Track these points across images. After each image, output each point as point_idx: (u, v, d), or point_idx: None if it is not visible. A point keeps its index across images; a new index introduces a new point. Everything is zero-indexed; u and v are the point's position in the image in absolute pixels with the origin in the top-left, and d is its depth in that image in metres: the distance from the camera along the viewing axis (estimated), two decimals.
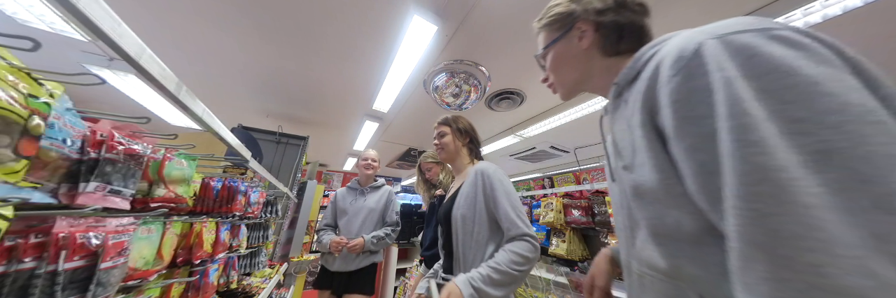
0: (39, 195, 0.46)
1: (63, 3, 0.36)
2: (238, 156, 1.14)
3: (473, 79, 2.07)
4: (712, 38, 0.31)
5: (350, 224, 1.92)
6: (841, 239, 0.22)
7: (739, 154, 0.26)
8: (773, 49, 0.28)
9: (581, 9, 0.56)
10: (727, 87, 0.28)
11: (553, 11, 0.59)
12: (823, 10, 1.37)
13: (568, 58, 0.59)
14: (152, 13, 1.59)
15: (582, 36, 0.56)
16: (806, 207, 0.23)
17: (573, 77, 0.60)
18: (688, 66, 0.32)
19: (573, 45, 0.57)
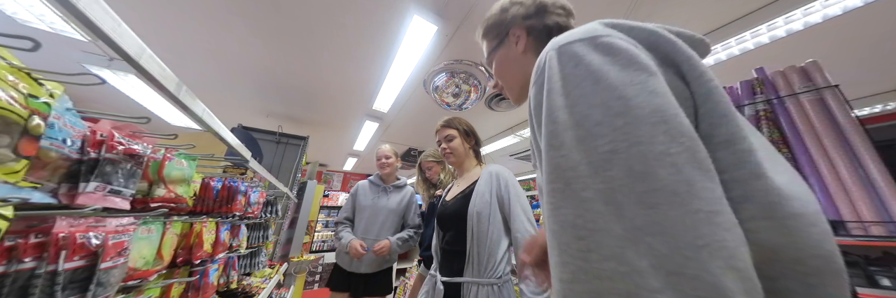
0: (39, 195, 0.46)
1: (63, 3, 0.36)
2: (238, 156, 1.14)
3: (473, 79, 2.07)
4: (553, 49, 0.35)
5: (370, 224, 1.84)
6: (608, 229, 0.25)
7: (546, 157, 0.31)
8: (592, 58, 0.31)
9: (509, 16, 0.59)
10: (549, 99, 0.32)
11: (488, 22, 0.63)
12: (823, 10, 1.37)
13: (509, 62, 0.61)
14: (153, 13, 1.59)
15: (517, 40, 0.58)
16: (584, 201, 0.27)
17: (517, 79, 0.61)
18: (537, 79, 0.36)
19: (512, 49, 0.59)
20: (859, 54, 1.84)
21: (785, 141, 1.00)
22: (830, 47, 1.76)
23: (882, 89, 2.31)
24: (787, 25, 1.49)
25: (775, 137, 1.01)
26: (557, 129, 0.31)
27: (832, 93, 0.93)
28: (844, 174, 0.87)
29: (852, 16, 1.41)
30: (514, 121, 3.21)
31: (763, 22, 1.48)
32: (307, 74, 2.23)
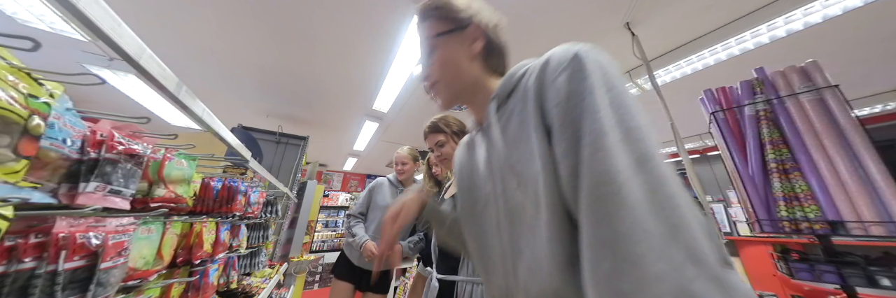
0: (39, 195, 0.46)
1: (63, 3, 0.36)
2: (238, 156, 1.14)
3: None
4: (588, 50, 0.38)
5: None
6: (654, 231, 0.27)
7: (595, 157, 0.31)
8: (611, 68, 0.36)
9: (476, 12, 0.55)
10: (593, 94, 0.34)
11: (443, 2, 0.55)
12: (823, 10, 1.37)
13: (457, 59, 0.54)
14: (153, 13, 1.59)
15: (474, 41, 0.54)
16: (633, 206, 0.28)
17: (463, 81, 0.55)
18: (571, 68, 0.37)
19: (466, 46, 0.54)
20: (859, 54, 1.84)
21: (785, 141, 1.00)
22: (830, 47, 1.76)
23: (882, 89, 2.31)
24: (787, 25, 1.49)
25: (775, 137, 1.01)
26: (604, 129, 0.32)
27: (832, 93, 0.93)
28: (844, 174, 0.87)
29: (852, 16, 1.41)
30: None
31: (763, 22, 1.48)
32: (307, 74, 2.23)
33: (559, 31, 1.69)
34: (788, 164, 0.97)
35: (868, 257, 1.00)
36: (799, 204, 0.93)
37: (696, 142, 3.51)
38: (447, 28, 0.54)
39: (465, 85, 0.55)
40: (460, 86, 0.55)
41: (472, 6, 0.55)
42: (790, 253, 1.16)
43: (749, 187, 1.03)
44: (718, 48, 1.70)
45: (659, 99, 1.51)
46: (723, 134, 1.11)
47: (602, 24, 1.63)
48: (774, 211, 0.96)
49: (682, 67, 1.92)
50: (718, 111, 1.14)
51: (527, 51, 1.89)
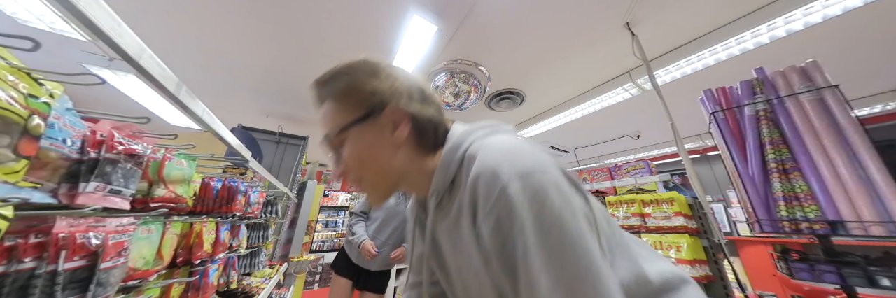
0: (39, 195, 0.46)
1: (63, 3, 0.36)
2: (238, 156, 1.14)
3: (473, 79, 2.07)
4: (515, 178, 0.34)
5: (383, 226, 1.87)
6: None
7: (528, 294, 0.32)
8: (554, 200, 0.34)
9: (389, 87, 0.45)
10: (524, 236, 0.33)
11: (350, 80, 0.46)
12: (823, 10, 1.37)
13: (382, 150, 0.45)
14: (152, 13, 1.59)
15: (397, 126, 0.45)
16: None
17: (393, 175, 0.47)
18: (497, 208, 0.35)
19: (384, 135, 0.45)
20: (859, 54, 1.84)
21: (785, 141, 1.00)
22: (830, 47, 1.76)
23: (882, 89, 2.31)
24: (787, 25, 1.49)
25: (775, 137, 1.01)
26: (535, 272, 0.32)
27: (832, 93, 0.93)
28: (844, 174, 0.87)
29: (852, 16, 1.41)
30: (514, 121, 3.21)
31: (763, 22, 1.48)
32: (307, 74, 2.23)
33: (559, 31, 1.69)
34: (788, 164, 0.97)
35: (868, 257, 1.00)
36: (799, 204, 0.93)
37: (696, 142, 3.52)
38: (355, 116, 0.45)
39: (397, 178, 0.47)
40: (391, 182, 0.47)
41: (383, 85, 0.45)
42: (790, 253, 1.16)
43: (749, 187, 1.03)
44: (718, 48, 1.70)
45: (659, 99, 1.51)
46: (723, 134, 1.11)
47: (602, 23, 1.63)
48: (774, 211, 0.96)
49: (682, 67, 1.92)
50: (718, 111, 1.14)
51: (527, 51, 1.89)
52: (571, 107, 2.62)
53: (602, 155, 4.49)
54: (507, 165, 0.35)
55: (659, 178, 1.73)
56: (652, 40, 1.73)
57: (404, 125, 0.45)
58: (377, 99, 0.45)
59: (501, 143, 0.40)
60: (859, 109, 2.50)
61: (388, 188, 0.48)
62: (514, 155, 0.37)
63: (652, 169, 2.29)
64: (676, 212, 1.57)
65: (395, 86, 0.46)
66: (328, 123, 0.47)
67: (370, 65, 0.47)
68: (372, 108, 0.45)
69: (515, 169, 0.35)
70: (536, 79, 2.25)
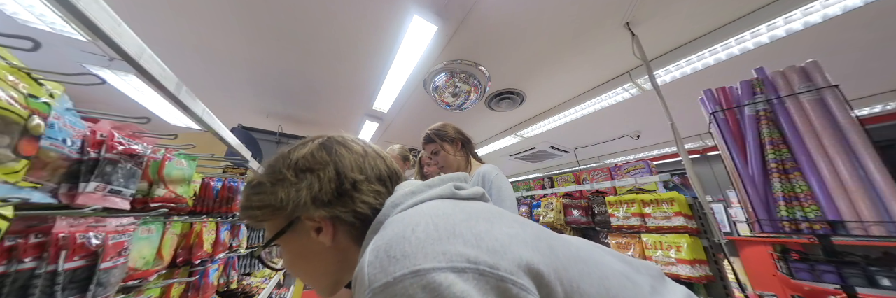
0: (39, 195, 0.46)
1: (63, 3, 0.36)
2: (238, 156, 1.14)
3: (473, 79, 2.07)
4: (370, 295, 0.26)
5: None
6: None
7: None
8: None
9: (292, 196, 0.41)
10: None
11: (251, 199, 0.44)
12: (823, 10, 1.37)
13: (309, 254, 0.43)
14: (152, 13, 1.59)
15: (319, 229, 0.42)
16: None
17: (335, 274, 0.43)
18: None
19: (312, 240, 0.42)
20: (859, 54, 1.84)
21: (785, 141, 1.00)
22: (831, 47, 1.76)
23: (882, 89, 2.31)
24: (787, 25, 1.49)
25: (775, 137, 1.01)
26: None
27: (832, 93, 0.93)
28: (844, 174, 0.87)
29: (852, 16, 1.41)
30: (514, 121, 3.21)
31: (763, 22, 1.48)
32: (307, 74, 2.23)
33: (559, 31, 1.69)
34: (788, 164, 0.97)
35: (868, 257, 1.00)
36: (799, 204, 0.93)
37: (696, 141, 3.52)
38: (278, 226, 0.43)
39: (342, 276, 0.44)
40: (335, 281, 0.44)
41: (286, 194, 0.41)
42: (790, 253, 1.16)
43: (749, 187, 1.03)
44: (718, 48, 1.70)
45: (659, 99, 1.51)
46: (723, 134, 1.11)
47: (602, 23, 1.63)
48: (774, 211, 0.96)
49: (682, 67, 1.92)
50: (718, 111, 1.14)
51: (527, 51, 1.89)
52: (571, 107, 2.62)
53: (602, 155, 4.49)
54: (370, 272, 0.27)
55: (659, 178, 1.73)
56: (652, 40, 1.73)
57: (326, 230, 0.41)
58: (282, 212, 0.41)
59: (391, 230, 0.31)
60: (859, 109, 2.50)
61: (334, 287, 0.44)
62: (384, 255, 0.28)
63: (652, 169, 2.29)
64: (676, 212, 1.56)
65: (298, 189, 0.41)
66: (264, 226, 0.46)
67: (276, 163, 0.44)
68: (288, 218, 0.42)
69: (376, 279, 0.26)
70: (536, 79, 2.25)
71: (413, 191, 0.41)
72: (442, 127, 1.37)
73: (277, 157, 0.46)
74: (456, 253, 0.27)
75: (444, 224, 0.31)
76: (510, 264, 0.28)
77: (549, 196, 2.84)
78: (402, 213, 0.36)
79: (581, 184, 2.59)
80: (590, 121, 2.92)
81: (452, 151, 1.32)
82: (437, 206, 0.36)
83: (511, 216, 0.38)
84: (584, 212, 2.44)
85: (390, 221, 0.34)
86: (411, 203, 0.39)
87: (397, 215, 0.36)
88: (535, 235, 0.35)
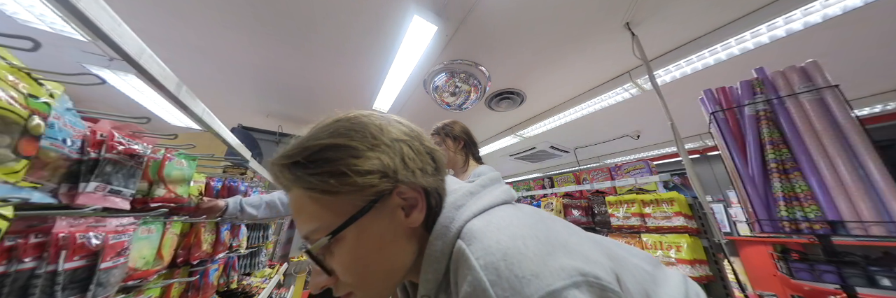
0: (39, 195, 0.46)
1: (63, 3, 0.36)
2: (238, 156, 1.14)
3: (473, 79, 2.07)
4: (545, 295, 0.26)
5: None
6: None
7: None
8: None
9: (390, 163, 0.34)
10: None
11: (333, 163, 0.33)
12: (823, 10, 1.37)
13: (389, 243, 0.35)
14: (152, 13, 1.59)
15: (411, 209, 0.36)
16: None
17: (401, 270, 0.37)
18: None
19: (395, 222, 0.35)
20: (859, 54, 1.84)
21: (785, 141, 1.00)
22: (831, 47, 1.76)
23: (882, 89, 2.31)
24: (787, 25, 1.49)
25: (775, 137, 1.01)
26: None
27: (832, 93, 0.93)
28: (844, 174, 0.87)
29: (852, 16, 1.41)
30: (514, 121, 3.21)
31: (763, 22, 1.48)
32: (307, 74, 2.23)
33: (559, 31, 1.69)
34: (788, 164, 0.97)
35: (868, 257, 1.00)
36: (799, 204, 0.93)
37: (696, 141, 3.52)
38: (354, 210, 0.33)
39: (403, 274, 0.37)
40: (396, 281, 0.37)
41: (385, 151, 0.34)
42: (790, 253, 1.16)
43: (749, 187, 1.03)
44: (718, 48, 1.70)
45: (659, 99, 1.51)
46: (723, 134, 1.11)
47: (602, 23, 1.63)
48: (774, 211, 0.96)
49: (682, 67, 1.92)
50: (718, 111, 1.14)
51: (527, 51, 1.89)
52: (571, 107, 2.62)
53: (602, 155, 4.49)
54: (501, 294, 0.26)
55: (659, 178, 1.73)
56: (652, 40, 1.73)
57: (420, 206, 0.36)
58: (383, 181, 0.33)
59: (494, 241, 0.30)
60: (859, 109, 2.50)
61: (390, 290, 0.38)
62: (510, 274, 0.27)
63: (652, 169, 2.29)
64: (676, 212, 1.56)
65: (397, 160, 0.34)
66: (309, 222, 0.34)
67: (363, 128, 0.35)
68: (376, 195, 0.34)
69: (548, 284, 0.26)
70: (536, 79, 2.25)
71: (471, 192, 0.39)
72: (451, 123, 1.40)
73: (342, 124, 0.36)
74: (570, 268, 0.27)
75: (542, 235, 0.30)
76: (605, 272, 0.29)
77: (549, 196, 2.84)
78: (485, 221, 0.33)
79: (581, 184, 2.59)
80: (590, 121, 2.92)
81: (453, 148, 1.34)
82: (517, 215, 0.34)
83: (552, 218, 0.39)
84: (584, 212, 2.44)
85: (477, 230, 0.32)
86: (480, 207, 0.36)
87: (478, 223, 0.33)
88: (589, 238, 0.36)
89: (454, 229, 0.34)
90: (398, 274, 0.37)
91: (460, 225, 0.34)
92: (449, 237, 0.33)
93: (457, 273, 0.30)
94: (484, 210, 0.36)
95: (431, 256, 0.34)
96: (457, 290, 0.30)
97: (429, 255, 0.34)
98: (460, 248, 0.31)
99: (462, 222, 0.34)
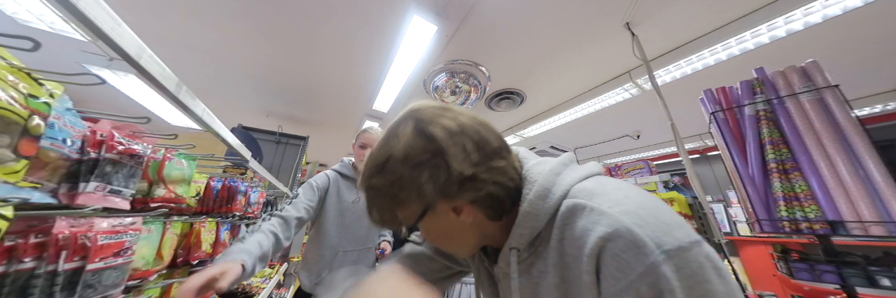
0: (39, 195, 0.46)
1: (63, 3, 0.36)
2: (238, 156, 1.14)
3: (473, 79, 2.07)
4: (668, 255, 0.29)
5: (356, 229, 1.30)
6: None
7: None
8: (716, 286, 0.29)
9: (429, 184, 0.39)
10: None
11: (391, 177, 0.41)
12: (823, 10, 1.37)
13: (453, 231, 0.45)
14: (152, 13, 1.59)
15: (459, 213, 0.42)
16: None
17: (470, 244, 0.47)
18: (642, 286, 0.29)
19: (451, 219, 0.43)
20: (859, 54, 1.83)
21: (785, 141, 1.00)
22: (830, 47, 1.76)
23: (882, 89, 2.31)
24: (787, 25, 1.49)
25: (775, 137, 1.00)
26: None
27: (832, 93, 0.93)
28: (844, 174, 0.87)
29: (852, 15, 1.41)
30: (514, 121, 3.21)
31: (763, 22, 1.47)
32: (307, 74, 2.23)
33: (559, 30, 1.69)
34: (788, 164, 0.97)
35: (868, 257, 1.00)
36: (799, 204, 0.93)
37: (696, 142, 3.51)
38: (415, 211, 0.42)
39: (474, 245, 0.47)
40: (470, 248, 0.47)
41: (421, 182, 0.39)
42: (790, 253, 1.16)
43: (749, 187, 1.03)
44: (718, 48, 1.70)
45: (659, 99, 1.51)
46: (723, 134, 1.11)
47: (602, 23, 1.63)
48: (774, 211, 0.96)
49: (682, 67, 1.92)
50: (718, 111, 1.14)
51: (527, 51, 1.89)
52: (571, 107, 2.62)
53: (602, 155, 4.49)
54: (650, 234, 0.30)
55: (659, 178, 1.73)
56: (652, 40, 1.73)
57: (467, 211, 0.42)
58: (425, 197, 0.40)
59: (621, 195, 0.34)
60: (859, 109, 2.49)
61: (472, 250, 0.48)
62: (655, 220, 0.31)
63: (652, 169, 2.29)
64: (676, 212, 1.56)
65: (435, 181, 0.39)
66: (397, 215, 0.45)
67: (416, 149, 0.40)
68: (426, 204, 0.41)
69: (665, 241, 0.29)
70: (536, 79, 2.24)
71: (564, 163, 0.45)
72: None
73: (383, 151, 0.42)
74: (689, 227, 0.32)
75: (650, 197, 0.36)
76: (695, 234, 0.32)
77: None
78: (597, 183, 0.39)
79: None
80: (590, 121, 2.92)
81: None
82: (619, 181, 0.39)
83: None
84: None
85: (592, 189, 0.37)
86: (582, 174, 0.42)
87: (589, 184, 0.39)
88: None
89: (559, 191, 0.39)
90: (474, 243, 0.46)
91: (566, 187, 0.39)
92: (554, 197, 0.38)
93: (572, 225, 0.35)
94: (586, 177, 0.42)
95: (531, 214, 0.39)
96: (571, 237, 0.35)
97: (528, 213, 0.39)
98: (577, 203, 0.36)
99: (567, 185, 0.39)
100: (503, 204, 0.42)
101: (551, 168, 0.42)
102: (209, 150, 0.97)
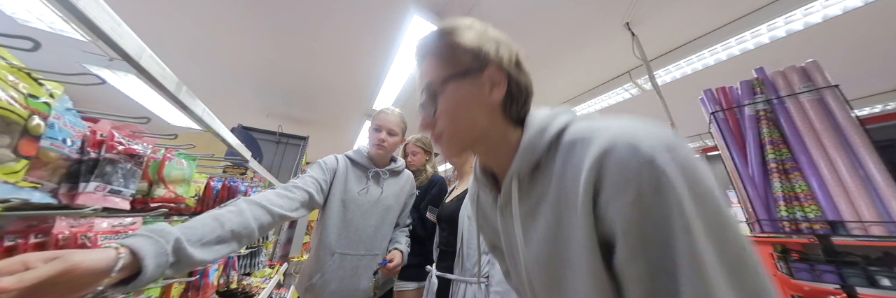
0: (39, 195, 0.46)
1: (63, 3, 0.36)
2: (238, 156, 1.14)
3: None
4: (662, 150, 0.31)
5: (360, 227, 1.15)
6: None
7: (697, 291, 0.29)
8: (704, 175, 0.32)
9: (493, 50, 0.45)
10: (681, 206, 0.30)
11: (455, 38, 0.46)
12: (823, 10, 1.37)
13: (474, 109, 0.46)
14: (152, 12, 1.59)
15: (494, 86, 0.45)
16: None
17: (473, 133, 0.47)
18: (638, 181, 0.31)
19: (483, 93, 0.45)
20: (859, 54, 1.84)
21: (785, 141, 1.00)
22: (830, 47, 1.76)
23: (882, 89, 2.31)
24: (787, 25, 1.49)
25: (775, 137, 1.00)
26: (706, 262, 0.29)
27: (832, 93, 0.93)
28: (844, 174, 0.87)
29: (852, 16, 1.41)
30: None
31: (763, 22, 1.48)
32: (307, 74, 2.23)
33: (559, 31, 1.69)
34: (788, 164, 0.97)
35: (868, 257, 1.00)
36: (799, 204, 0.93)
37: (696, 142, 3.52)
38: (455, 71, 0.46)
39: (479, 136, 0.47)
40: (472, 138, 0.48)
41: (488, 40, 0.46)
42: (790, 253, 1.16)
43: (749, 187, 1.03)
44: (718, 48, 1.70)
45: (659, 99, 1.51)
46: (723, 134, 1.11)
47: (602, 24, 1.63)
48: (774, 210, 0.96)
49: (682, 67, 1.92)
50: (718, 111, 1.14)
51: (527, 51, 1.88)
52: (571, 107, 2.62)
53: None
54: (646, 139, 0.33)
55: None
56: (652, 40, 1.73)
57: (501, 87, 0.46)
58: (480, 58, 0.45)
59: (620, 123, 0.37)
60: (859, 109, 2.50)
61: (465, 143, 0.49)
62: (650, 130, 0.34)
63: None
64: None
65: (498, 49, 0.46)
66: (428, 76, 0.48)
67: (475, 26, 0.47)
68: (473, 66, 0.45)
69: (659, 141, 0.32)
70: (536, 79, 2.21)
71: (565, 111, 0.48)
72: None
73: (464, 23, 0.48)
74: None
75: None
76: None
77: None
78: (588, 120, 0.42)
79: None
80: None
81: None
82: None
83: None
84: None
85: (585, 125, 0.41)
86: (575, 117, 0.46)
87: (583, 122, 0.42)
88: None
89: (555, 128, 0.43)
90: (472, 133, 0.47)
91: (562, 125, 0.43)
92: (551, 131, 0.43)
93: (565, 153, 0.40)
94: (586, 118, 0.45)
95: (528, 146, 0.43)
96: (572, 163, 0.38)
97: (529, 143, 0.43)
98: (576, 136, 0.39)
99: (563, 123, 0.43)
100: (521, 106, 0.48)
101: (547, 113, 0.47)
102: (209, 150, 0.97)
